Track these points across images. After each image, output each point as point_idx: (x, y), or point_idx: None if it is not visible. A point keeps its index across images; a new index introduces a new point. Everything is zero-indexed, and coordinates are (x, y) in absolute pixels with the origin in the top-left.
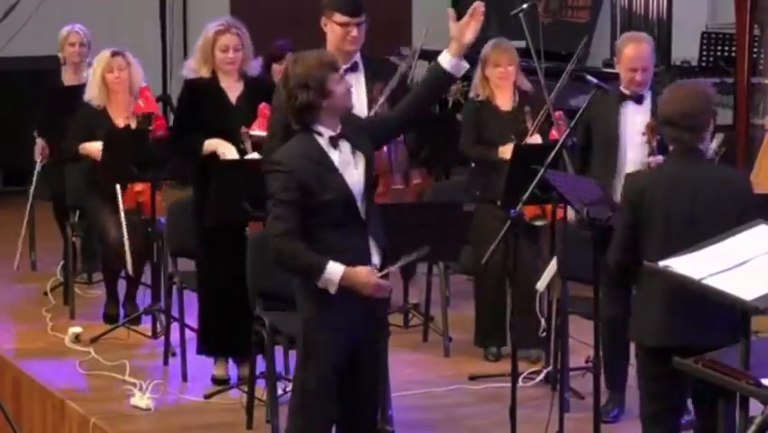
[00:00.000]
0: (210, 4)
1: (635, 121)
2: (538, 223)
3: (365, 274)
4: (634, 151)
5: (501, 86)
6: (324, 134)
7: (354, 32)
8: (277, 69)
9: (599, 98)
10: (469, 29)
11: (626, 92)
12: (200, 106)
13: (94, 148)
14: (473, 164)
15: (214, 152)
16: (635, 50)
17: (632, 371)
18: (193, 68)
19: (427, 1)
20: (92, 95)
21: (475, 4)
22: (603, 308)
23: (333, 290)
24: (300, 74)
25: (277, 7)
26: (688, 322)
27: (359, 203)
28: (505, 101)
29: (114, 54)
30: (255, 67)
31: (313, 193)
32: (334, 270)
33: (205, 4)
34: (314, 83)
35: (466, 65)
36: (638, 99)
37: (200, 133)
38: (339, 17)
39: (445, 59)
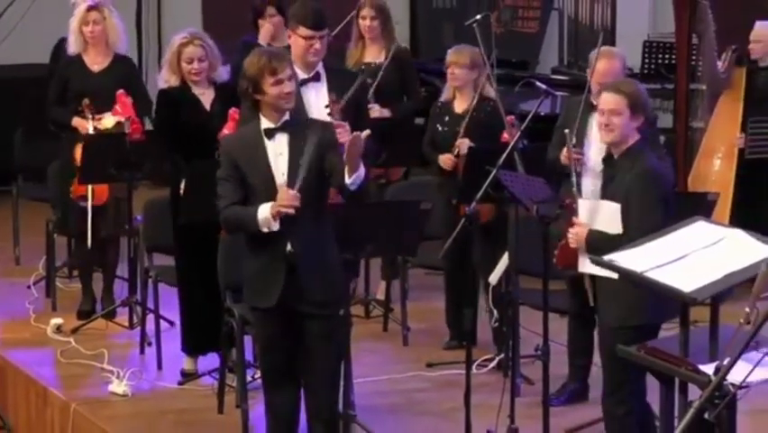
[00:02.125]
0: (183, 15)
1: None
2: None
3: (282, 192)
4: (595, 154)
5: (456, 87)
6: (263, 123)
7: (317, 44)
8: (261, 23)
9: (573, 105)
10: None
11: (595, 102)
12: (178, 114)
13: (81, 125)
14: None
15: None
16: (605, 66)
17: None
18: (165, 78)
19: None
20: (70, 43)
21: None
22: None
23: (274, 226)
24: (245, 64)
25: (247, 17)
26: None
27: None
28: (460, 103)
29: (89, 9)
30: (223, 73)
31: (244, 173)
32: (263, 208)
33: (179, 15)
34: (250, 77)
35: (353, 187)
36: None
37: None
38: (303, 31)
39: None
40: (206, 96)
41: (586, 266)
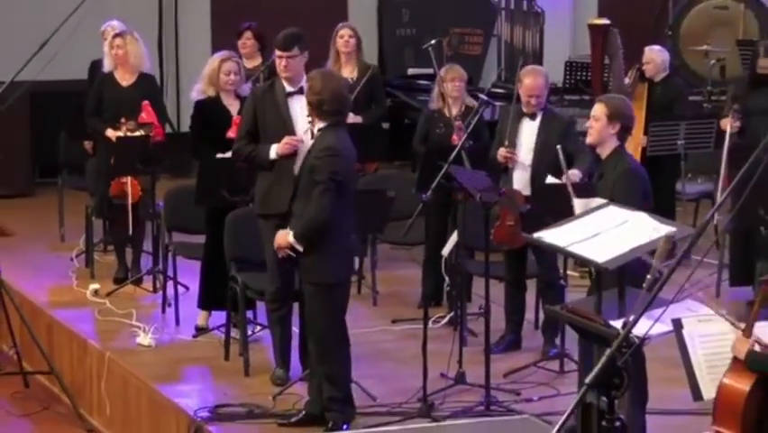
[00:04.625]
0: (195, 39)
1: (528, 131)
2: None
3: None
4: (524, 153)
5: (453, 97)
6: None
7: (284, 62)
8: (239, 43)
9: (505, 114)
10: None
11: (525, 111)
12: (211, 121)
13: (113, 135)
14: None
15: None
16: (531, 81)
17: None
18: (202, 90)
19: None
20: (105, 63)
21: None
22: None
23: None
24: None
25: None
26: None
27: None
28: (449, 110)
29: (114, 36)
30: (245, 89)
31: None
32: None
33: (192, 39)
34: None
35: None
36: (532, 117)
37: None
38: (276, 51)
39: None
40: (233, 108)
41: None
